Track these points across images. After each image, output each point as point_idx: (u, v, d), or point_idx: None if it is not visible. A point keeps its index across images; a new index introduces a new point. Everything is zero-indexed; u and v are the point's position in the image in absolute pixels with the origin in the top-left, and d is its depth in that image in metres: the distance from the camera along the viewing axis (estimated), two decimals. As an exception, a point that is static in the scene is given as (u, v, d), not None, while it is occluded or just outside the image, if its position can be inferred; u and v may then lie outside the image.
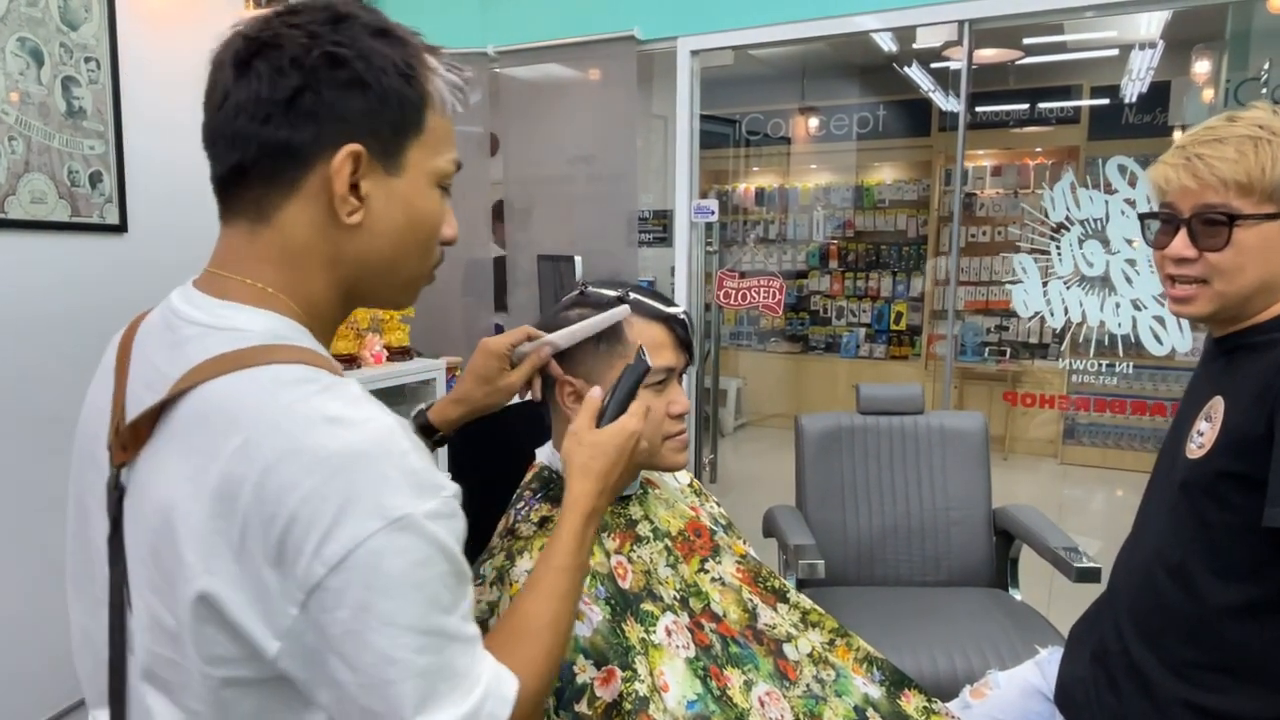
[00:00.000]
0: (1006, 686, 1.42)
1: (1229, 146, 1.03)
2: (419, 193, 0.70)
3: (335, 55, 0.64)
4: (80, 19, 2.22)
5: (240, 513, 0.58)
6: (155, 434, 0.63)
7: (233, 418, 0.60)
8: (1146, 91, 5.14)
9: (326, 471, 0.57)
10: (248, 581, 0.58)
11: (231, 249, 0.69)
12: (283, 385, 0.61)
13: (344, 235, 0.68)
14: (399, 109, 0.67)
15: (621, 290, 1.09)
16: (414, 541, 0.59)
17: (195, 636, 0.59)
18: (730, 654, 1.08)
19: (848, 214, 6.48)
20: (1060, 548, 1.94)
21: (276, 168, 0.66)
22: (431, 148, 0.70)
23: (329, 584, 0.57)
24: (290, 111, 0.64)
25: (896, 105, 6.00)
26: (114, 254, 2.34)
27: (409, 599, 0.59)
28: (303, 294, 0.69)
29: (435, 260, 0.76)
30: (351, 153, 0.65)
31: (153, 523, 0.61)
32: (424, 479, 0.61)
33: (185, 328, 0.67)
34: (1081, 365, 2.68)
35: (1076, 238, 2.53)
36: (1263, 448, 0.99)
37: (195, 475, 0.59)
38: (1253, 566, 1.03)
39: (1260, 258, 1.04)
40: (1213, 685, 1.07)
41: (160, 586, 0.61)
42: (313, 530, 0.57)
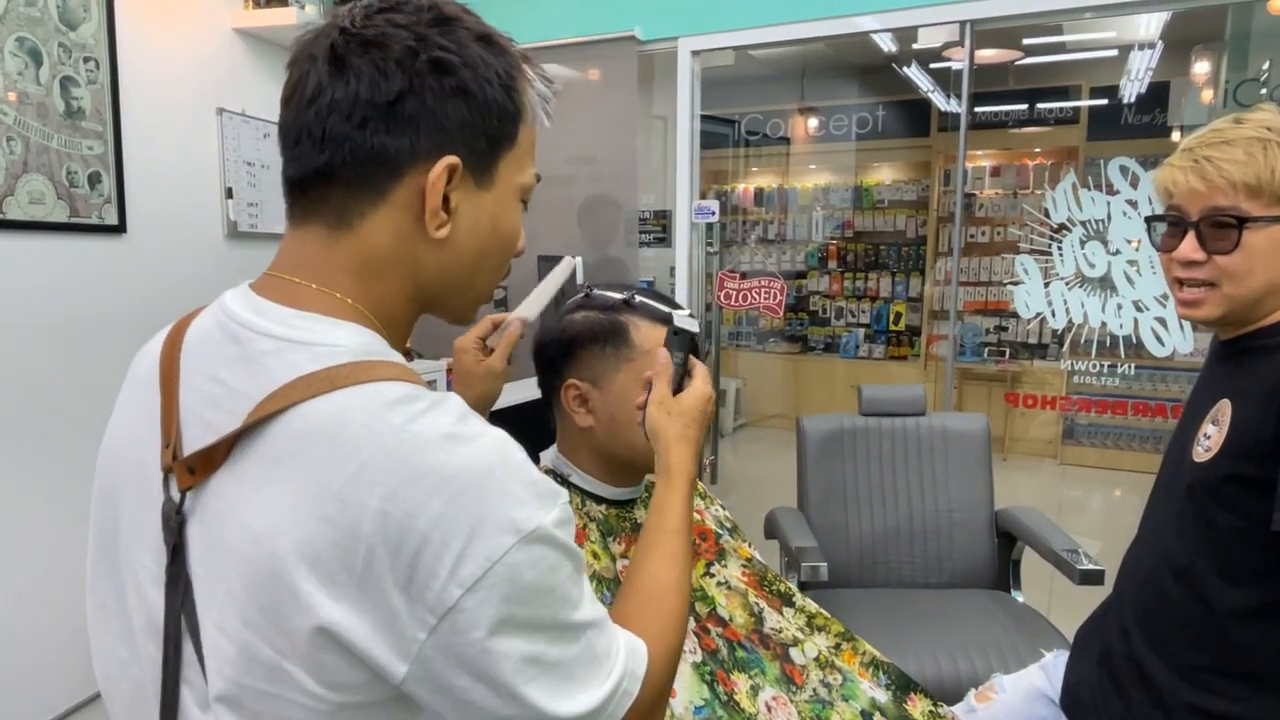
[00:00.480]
0: (1012, 690, 1.42)
1: (1237, 149, 1.03)
2: (505, 207, 0.69)
3: (442, 61, 0.61)
4: (79, 19, 2.21)
5: (364, 541, 0.55)
6: (235, 457, 0.59)
7: (341, 442, 0.56)
8: (1145, 92, 5.14)
9: (452, 492, 0.56)
10: (373, 609, 0.56)
11: (305, 254, 0.65)
12: (389, 405, 0.58)
13: (428, 248, 0.65)
14: (497, 121, 0.65)
15: (628, 293, 1.09)
16: (546, 551, 0.59)
17: (312, 667, 0.57)
18: (737, 659, 1.08)
19: (847, 214, 6.48)
20: (1063, 550, 1.94)
21: (367, 173, 0.62)
22: (520, 161, 0.68)
23: (465, 605, 0.56)
24: (390, 117, 0.61)
25: (896, 106, 6.00)
26: (113, 255, 2.33)
27: (544, 604, 0.59)
28: (380, 305, 0.66)
29: (507, 274, 0.74)
30: (449, 165, 0.62)
31: (246, 553, 0.57)
32: (544, 489, 0.60)
33: (258, 340, 0.62)
34: (1082, 366, 2.68)
35: (1078, 239, 2.53)
36: (1271, 451, 0.98)
37: (303, 503, 0.56)
38: (1261, 570, 1.03)
39: (1269, 260, 1.04)
40: (1220, 690, 1.07)
41: (256, 619, 0.57)
42: (446, 553, 0.55)
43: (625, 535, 1.09)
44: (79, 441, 0.72)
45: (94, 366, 2.20)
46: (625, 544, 1.07)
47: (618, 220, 3.17)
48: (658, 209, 3.30)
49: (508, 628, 0.57)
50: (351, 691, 0.58)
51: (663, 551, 0.80)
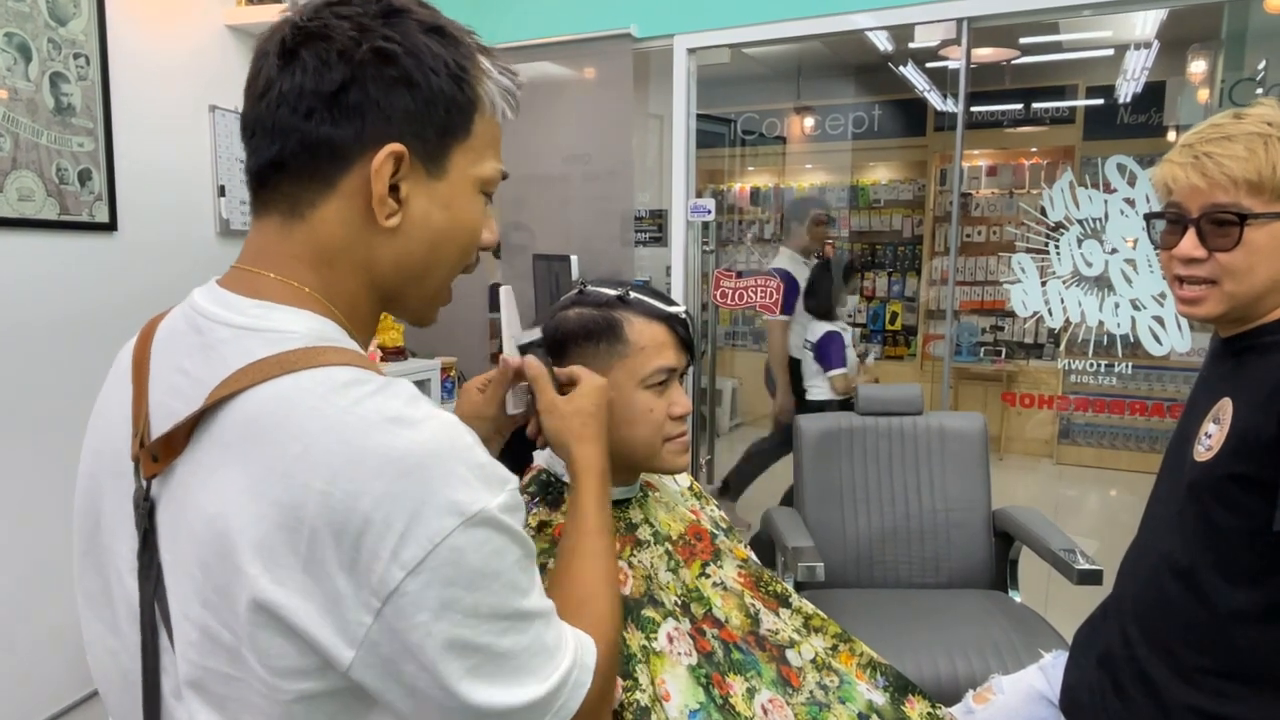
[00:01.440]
0: (1010, 692, 1.41)
1: (1238, 144, 1.02)
2: (461, 198, 0.68)
3: (385, 51, 0.62)
4: (69, 14, 2.19)
5: (307, 523, 0.55)
6: (194, 443, 0.61)
7: (288, 425, 0.57)
8: (1141, 91, 5.15)
9: (395, 473, 0.56)
10: (317, 591, 0.56)
11: (264, 245, 0.67)
12: (336, 389, 0.59)
13: (380, 237, 0.66)
14: (446, 111, 0.65)
15: (621, 289, 1.07)
16: (491, 535, 0.59)
17: (256, 649, 0.57)
18: (733, 661, 1.06)
19: (843, 214, 6.47)
20: (1061, 549, 1.93)
21: (315, 164, 0.64)
22: (477, 153, 0.68)
23: (407, 588, 0.56)
24: (334, 106, 0.62)
25: (892, 105, 5.99)
26: (104, 253, 2.31)
27: (489, 589, 0.59)
28: (338, 295, 0.67)
29: (469, 266, 0.74)
30: (393, 153, 0.63)
31: (202, 535, 0.59)
32: (491, 472, 0.60)
33: (217, 329, 0.64)
34: (1079, 365, 2.67)
35: (1075, 237, 2.52)
36: (1273, 450, 0.97)
37: (251, 486, 0.57)
38: (1263, 570, 1.02)
39: (1271, 257, 1.03)
40: (1222, 691, 1.06)
41: (213, 600, 0.58)
42: (388, 534, 0.55)
43: (620, 535, 1.07)
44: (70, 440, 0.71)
45: (85, 365, 2.18)
46: (620, 544, 1.06)
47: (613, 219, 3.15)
48: (653, 208, 3.29)
49: (453, 613, 0.57)
50: (303, 679, 0.58)
51: (584, 554, 0.80)
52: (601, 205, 3.18)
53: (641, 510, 1.13)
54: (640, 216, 3.27)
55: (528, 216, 3.34)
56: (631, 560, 1.06)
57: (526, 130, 3.29)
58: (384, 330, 2.52)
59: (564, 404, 0.91)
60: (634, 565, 1.05)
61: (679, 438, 1.08)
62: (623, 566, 1.04)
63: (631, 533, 1.09)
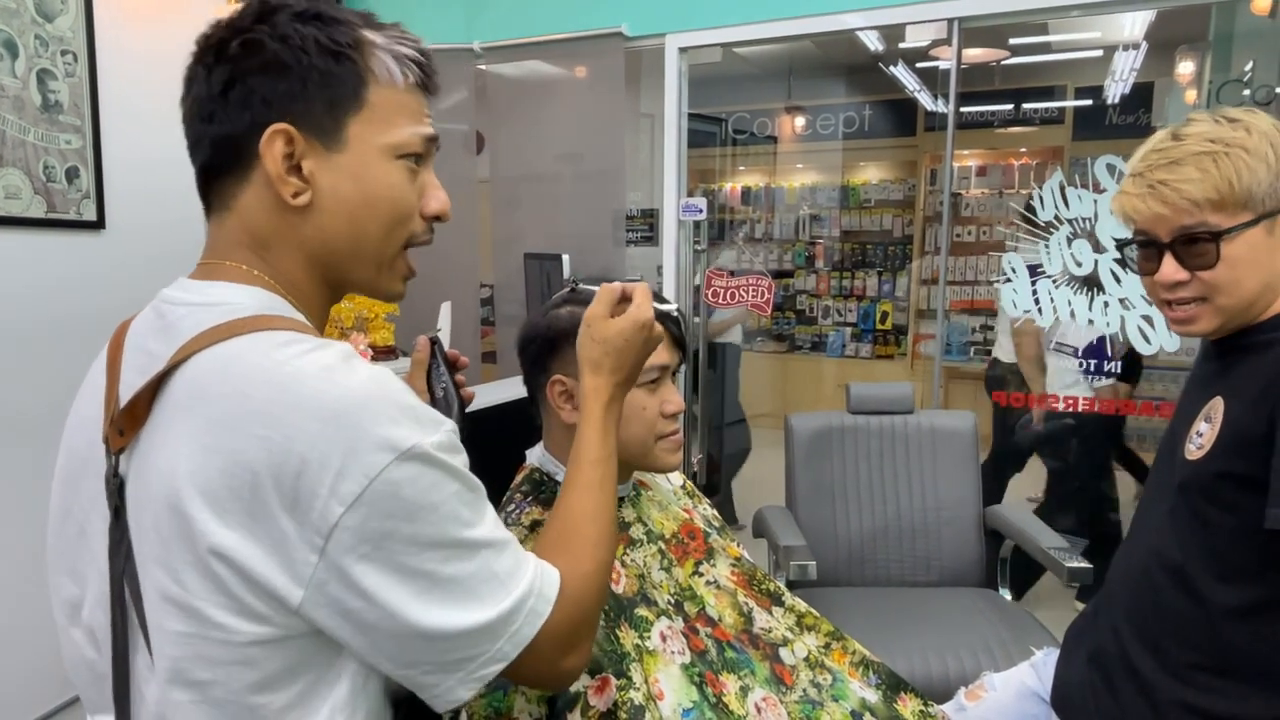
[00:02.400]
0: (1002, 689, 1.41)
1: (1189, 167, 1.02)
2: (372, 167, 0.70)
3: (252, 41, 0.67)
4: (56, 11, 2.17)
5: (248, 468, 0.59)
6: (153, 413, 0.64)
7: (231, 379, 0.61)
8: (1130, 92, 5.17)
9: (329, 415, 0.59)
10: (264, 533, 0.59)
11: (214, 239, 0.72)
12: (274, 346, 0.63)
13: (298, 216, 0.69)
14: (327, 86, 0.68)
15: (614, 287, 1.07)
16: (424, 469, 0.61)
17: (215, 598, 0.60)
18: (726, 659, 1.06)
19: (833, 213, 6.48)
20: (1051, 548, 1.94)
21: (226, 160, 0.69)
22: (380, 121, 0.70)
23: (347, 522, 0.59)
24: (225, 104, 0.67)
25: (882, 105, 6.01)
26: (91, 251, 2.29)
27: (428, 520, 0.61)
28: (281, 275, 0.71)
29: (410, 238, 0.74)
30: (276, 131, 0.66)
31: (157, 493, 0.62)
32: (423, 414, 0.63)
33: (175, 309, 0.68)
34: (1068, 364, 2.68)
35: (1065, 237, 2.53)
36: (1263, 448, 0.98)
37: (196, 436, 0.60)
38: (1253, 568, 1.02)
39: (1253, 265, 1.03)
40: (1212, 687, 1.06)
41: (164, 556, 0.61)
42: (325, 473, 0.58)
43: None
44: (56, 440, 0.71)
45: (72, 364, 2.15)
46: (613, 543, 1.06)
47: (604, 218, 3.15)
48: (645, 207, 3.29)
49: (393, 543, 0.60)
50: (263, 622, 0.60)
51: (578, 483, 0.81)
52: (593, 204, 3.17)
53: (634, 509, 1.13)
54: (632, 216, 3.27)
55: (520, 215, 3.33)
56: (624, 559, 1.05)
57: (518, 129, 3.29)
58: (375, 329, 2.51)
59: (601, 326, 0.86)
60: (627, 564, 1.05)
61: (671, 435, 1.08)
62: (616, 565, 1.03)
63: (624, 531, 1.09)
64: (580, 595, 0.73)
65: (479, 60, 3.25)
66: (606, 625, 0.95)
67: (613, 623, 0.96)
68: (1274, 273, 1.05)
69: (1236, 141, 1.01)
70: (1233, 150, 1.00)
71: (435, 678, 0.64)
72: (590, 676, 0.91)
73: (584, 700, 0.90)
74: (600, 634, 0.94)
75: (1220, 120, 1.04)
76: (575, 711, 0.90)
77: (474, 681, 0.65)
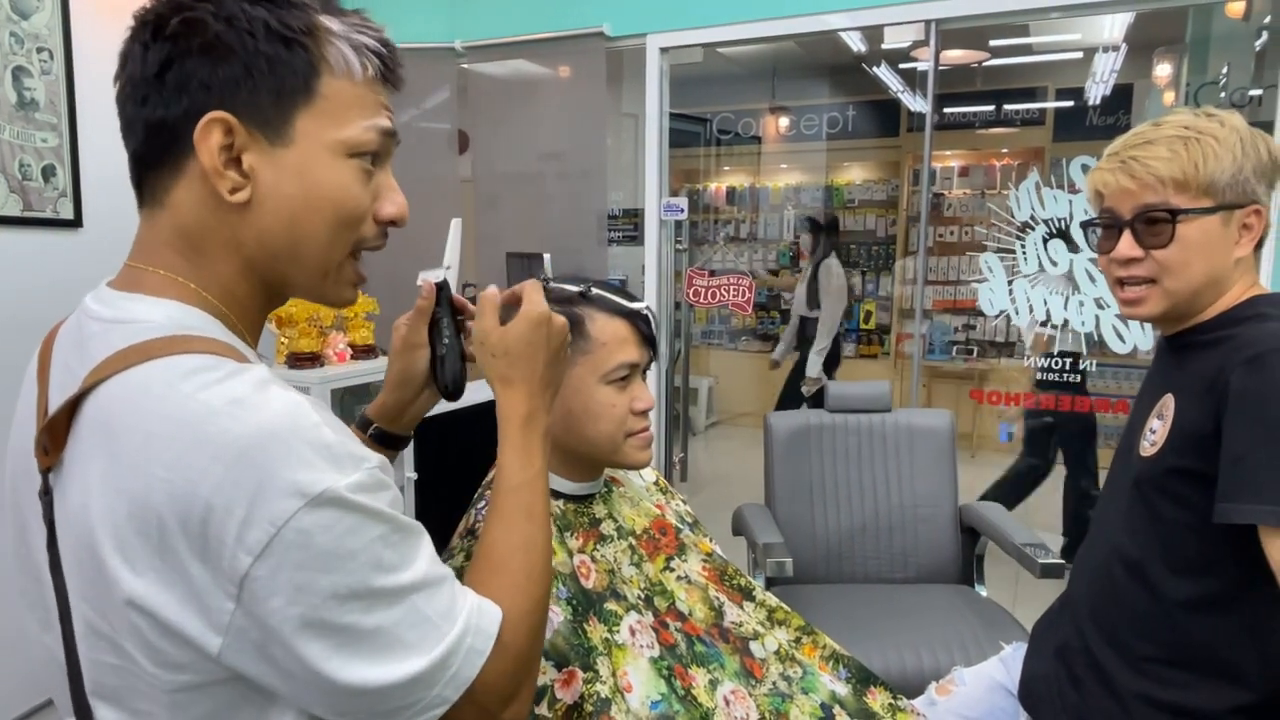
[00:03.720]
0: (972, 683, 1.43)
1: (1160, 147, 1.07)
2: (317, 165, 0.64)
3: (194, 20, 0.61)
4: (31, 8, 2.16)
5: (155, 511, 0.55)
6: (71, 436, 0.61)
7: (133, 415, 0.57)
8: (1110, 94, 5.21)
9: (233, 455, 0.54)
10: (176, 580, 0.55)
11: (142, 239, 0.67)
12: (182, 376, 0.58)
13: (235, 215, 0.64)
14: (274, 74, 0.62)
15: (584, 285, 1.08)
16: (340, 515, 0.56)
17: (135, 642, 0.57)
18: (695, 653, 1.07)
19: (818, 213, 6.51)
20: (1024, 544, 1.96)
21: (159, 148, 0.63)
22: (332, 116, 0.64)
23: (257, 573, 0.54)
24: (161, 87, 0.61)
25: (866, 106, 6.04)
26: (68, 249, 2.28)
27: (346, 569, 0.57)
28: (212, 281, 0.66)
29: (359, 242, 0.69)
30: (213, 120, 0.61)
31: (74, 529, 0.59)
32: (340, 452, 0.58)
33: (90, 324, 0.64)
34: (1046, 363, 2.71)
35: (1041, 237, 2.56)
36: (1212, 444, 1.00)
37: (104, 478, 0.57)
38: (1205, 561, 1.05)
39: (1204, 252, 1.07)
40: (1168, 679, 1.09)
41: (89, 594, 0.59)
42: (230, 519, 0.54)
43: (583, 530, 1.08)
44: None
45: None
46: (583, 539, 1.07)
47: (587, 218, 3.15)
48: (628, 207, 3.30)
49: (309, 596, 0.56)
50: (180, 670, 0.58)
51: (503, 512, 0.75)
52: (575, 204, 3.18)
53: (605, 505, 1.14)
54: (614, 215, 3.28)
55: (502, 214, 3.33)
56: (594, 554, 1.06)
57: (500, 129, 3.29)
58: (354, 328, 2.51)
59: (494, 338, 0.80)
60: (597, 560, 1.06)
61: (641, 433, 1.09)
62: (585, 560, 1.04)
63: (595, 527, 1.10)
64: (521, 632, 0.68)
65: (461, 59, 3.25)
66: (574, 619, 0.96)
67: (580, 617, 0.97)
68: (1223, 267, 1.08)
69: (1209, 131, 1.06)
70: (1204, 138, 1.05)
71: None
72: (557, 670, 0.92)
73: (550, 693, 0.91)
74: (568, 628, 0.95)
75: (1199, 114, 1.09)
76: (542, 705, 0.91)
77: None
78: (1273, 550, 0.93)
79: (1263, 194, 1.07)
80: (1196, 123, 1.07)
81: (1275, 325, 1.03)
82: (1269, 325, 1.03)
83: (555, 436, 1.07)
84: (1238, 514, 0.96)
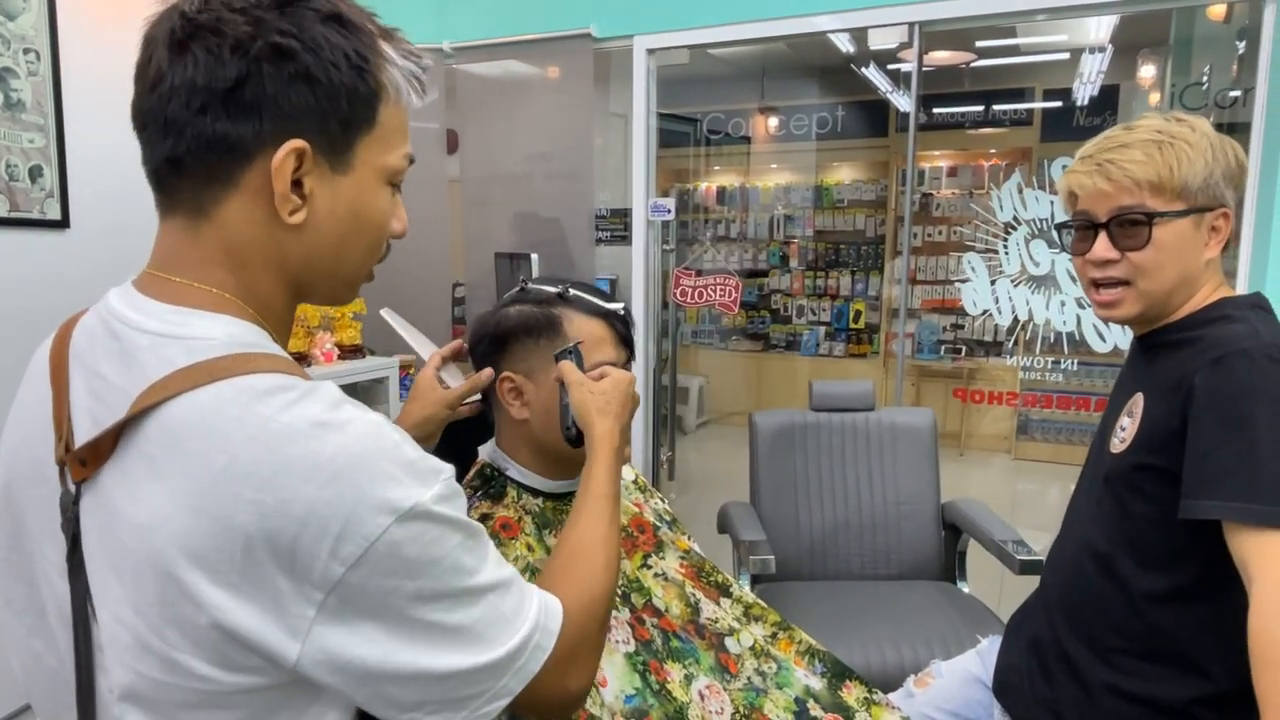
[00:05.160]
0: (949, 676, 1.45)
1: (1136, 150, 1.09)
2: (368, 191, 0.67)
3: (281, 47, 0.60)
4: (18, 9, 2.16)
5: (240, 531, 0.56)
6: (120, 451, 0.60)
7: (213, 436, 0.57)
8: (1097, 95, 5.25)
9: (325, 478, 0.56)
10: (258, 593, 0.57)
11: (174, 248, 0.65)
12: (259, 397, 0.58)
13: (287, 234, 0.64)
14: (349, 104, 0.63)
15: (562, 286, 1.10)
16: (427, 527, 0.60)
17: (198, 653, 0.58)
18: (671, 648, 1.09)
19: (807, 213, 6.53)
20: (1005, 541, 1.99)
21: (214, 161, 0.62)
22: (383, 142, 0.67)
23: (349, 579, 0.57)
24: (230, 103, 0.60)
25: (855, 106, 6.06)
26: (56, 250, 2.28)
27: (431, 575, 0.60)
28: (253, 295, 0.66)
29: (382, 257, 0.73)
30: (295, 149, 0.61)
31: (133, 546, 0.58)
32: (422, 467, 0.61)
33: (135, 336, 0.62)
34: (1030, 362, 2.74)
35: (1024, 237, 2.59)
36: (1178, 442, 1.03)
37: (179, 499, 0.57)
38: (1171, 556, 1.07)
39: (1177, 254, 1.09)
40: (1134, 670, 1.11)
41: (146, 611, 0.58)
42: (324, 537, 0.56)
43: (562, 527, 1.09)
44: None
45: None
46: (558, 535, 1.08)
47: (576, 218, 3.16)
48: (617, 207, 3.31)
49: (397, 599, 0.59)
50: (253, 673, 0.59)
51: (587, 514, 0.85)
52: (564, 204, 3.19)
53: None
54: (603, 215, 3.29)
55: (490, 214, 3.34)
56: (572, 551, 1.08)
57: (488, 129, 3.30)
58: (342, 328, 2.52)
59: (594, 383, 1.00)
60: (574, 556, 1.08)
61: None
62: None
63: (573, 524, 1.12)
64: (584, 621, 0.73)
65: (449, 60, 3.26)
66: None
67: (557, 612, 0.99)
68: (1194, 268, 1.10)
69: (1181, 135, 1.08)
70: (1177, 142, 1.08)
71: (440, 716, 0.63)
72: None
73: (527, 687, 0.93)
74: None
75: (1169, 118, 1.11)
76: (519, 698, 0.92)
77: (478, 718, 0.64)
78: (1236, 545, 0.95)
79: (1229, 197, 1.10)
80: (1169, 127, 1.09)
81: (1240, 327, 1.06)
82: (1235, 327, 1.06)
83: (535, 435, 1.09)
84: (1202, 510, 0.98)
